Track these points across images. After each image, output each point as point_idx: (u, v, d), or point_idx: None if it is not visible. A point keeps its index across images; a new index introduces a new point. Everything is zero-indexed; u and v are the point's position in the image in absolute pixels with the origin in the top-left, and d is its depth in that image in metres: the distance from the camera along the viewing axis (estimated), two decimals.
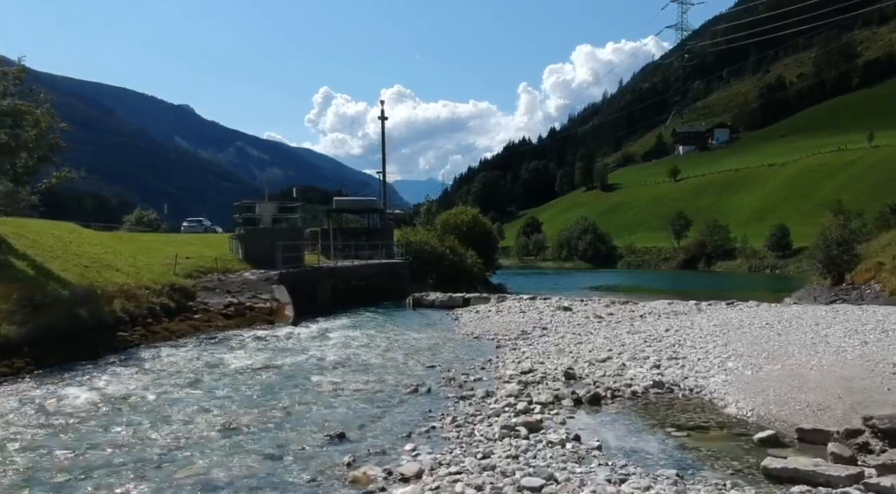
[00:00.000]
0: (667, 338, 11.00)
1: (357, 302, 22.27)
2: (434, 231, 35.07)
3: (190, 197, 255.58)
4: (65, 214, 64.40)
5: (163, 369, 10.45)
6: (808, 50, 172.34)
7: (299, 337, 14.64)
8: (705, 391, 7.91)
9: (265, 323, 16.32)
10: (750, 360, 8.70)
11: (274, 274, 18.74)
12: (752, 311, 14.54)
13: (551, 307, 17.63)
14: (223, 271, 19.03)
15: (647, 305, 17.05)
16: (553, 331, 13.75)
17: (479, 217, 40.39)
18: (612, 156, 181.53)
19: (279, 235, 20.75)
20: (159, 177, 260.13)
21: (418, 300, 21.89)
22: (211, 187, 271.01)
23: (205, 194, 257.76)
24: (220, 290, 17.52)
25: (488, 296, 20.57)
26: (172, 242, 26.74)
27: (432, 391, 8.39)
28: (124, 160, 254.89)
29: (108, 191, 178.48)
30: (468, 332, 14.94)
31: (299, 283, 19.63)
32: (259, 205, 21.79)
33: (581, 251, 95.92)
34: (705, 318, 13.37)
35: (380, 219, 31.28)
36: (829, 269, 34.32)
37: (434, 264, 30.54)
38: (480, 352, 11.93)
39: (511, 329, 14.78)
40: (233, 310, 16.46)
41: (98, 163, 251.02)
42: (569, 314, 16.28)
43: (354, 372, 9.92)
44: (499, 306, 18.87)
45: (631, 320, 14.46)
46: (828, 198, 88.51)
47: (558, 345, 11.58)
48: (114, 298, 13.90)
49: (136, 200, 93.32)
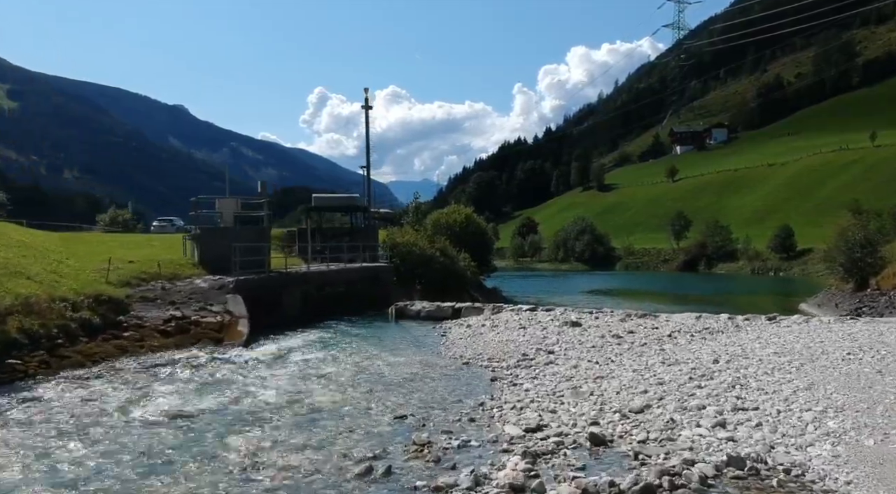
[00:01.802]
0: (719, 374, 8.23)
1: (332, 313, 19.45)
2: (424, 231, 32.28)
3: (183, 197, 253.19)
4: (53, 213, 61.36)
5: (30, 418, 7.60)
6: (806, 50, 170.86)
7: (247, 362, 11.83)
8: (810, 473, 5.16)
9: (212, 342, 13.48)
10: (862, 419, 5.95)
11: (229, 282, 15.89)
12: (809, 330, 11.77)
13: (556, 321, 14.85)
14: (170, 278, 16.15)
15: (670, 320, 14.28)
16: (562, 356, 10.98)
17: (473, 216, 37.64)
18: (609, 156, 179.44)
19: (240, 236, 17.91)
20: (153, 177, 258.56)
21: (402, 310, 19.11)
22: (204, 187, 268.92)
23: (197, 194, 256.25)
24: (163, 301, 14.65)
25: (482, 307, 17.79)
26: (129, 244, 23.83)
27: (393, 472, 5.54)
28: (118, 160, 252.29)
29: (100, 191, 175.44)
30: (456, 355, 12.17)
31: (261, 292, 16.80)
32: (219, 202, 18.92)
33: (578, 252, 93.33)
34: (755, 341, 10.62)
35: (363, 218, 28.43)
36: (851, 273, 31.69)
37: (423, 268, 27.75)
38: (470, 388, 9.14)
39: (509, 351, 12.02)
40: (173, 326, 13.61)
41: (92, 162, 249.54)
42: (579, 331, 13.51)
43: (293, 429, 7.08)
44: (494, 319, 16.09)
45: (658, 341, 11.67)
46: (831, 197, 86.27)
47: (571, 379, 8.82)
48: (9, 315, 11.04)
49: (129, 200, 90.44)
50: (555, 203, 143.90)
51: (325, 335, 15.63)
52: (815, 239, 71.50)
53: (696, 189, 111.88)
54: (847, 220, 36.20)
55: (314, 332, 16.05)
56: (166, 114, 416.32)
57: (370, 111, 37.16)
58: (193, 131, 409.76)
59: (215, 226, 18.32)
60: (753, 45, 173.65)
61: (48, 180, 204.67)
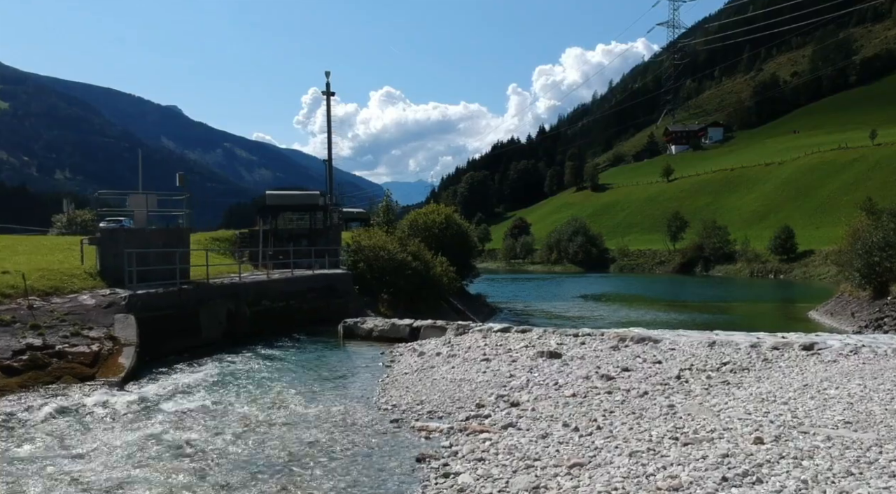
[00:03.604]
0: (770, 469, 4.96)
1: (272, 333, 16.22)
2: (396, 233, 29.04)
3: None
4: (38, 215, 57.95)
5: None
6: (802, 48, 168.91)
7: (100, 414, 8.56)
8: None
9: (78, 380, 10.22)
10: None
11: (122, 298, 12.60)
12: (870, 369, 8.52)
13: (531, 348, 11.63)
14: (47, 293, 12.85)
15: (676, 347, 11.05)
16: (529, 412, 7.75)
17: (454, 216, 34.45)
18: (603, 155, 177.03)
19: (149, 239, 14.64)
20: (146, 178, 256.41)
21: (351, 329, 15.86)
22: (196, 188, 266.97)
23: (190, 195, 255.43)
24: (23, 325, 11.35)
25: (445, 326, 14.57)
26: (41, 249, 20.46)
27: None
28: (109, 160, 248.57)
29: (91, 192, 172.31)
30: (390, 403, 8.96)
31: (169, 310, 13.53)
32: (131, 198, 15.62)
33: (571, 254, 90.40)
34: (803, 391, 7.39)
35: (324, 218, 25.13)
36: (868, 279, 28.66)
37: (392, 274, 24.52)
38: (376, 484, 5.91)
39: (461, 397, 8.82)
40: (25, 360, 10.32)
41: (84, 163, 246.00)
42: (558, 365, 10.28)
43: None
44: (455, 343, 12.86)
45: (663, 388, 8.43)
46: (832, 197, 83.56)
47: (534, 467, 5.62)
48: None
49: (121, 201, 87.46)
50: (548, 203, 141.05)
51: (241, 366, 12.38)
52: (816, 240, 68.71)
53: (692, 188, 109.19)
54: (861, 220, 33.21)
55: (232, 361, 12.80)
56: (159, 114, 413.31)
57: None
58: (187, 132, 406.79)
59: (116, 228, 15.00)
60: (748, 44, 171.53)
61: (39, 181, 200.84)
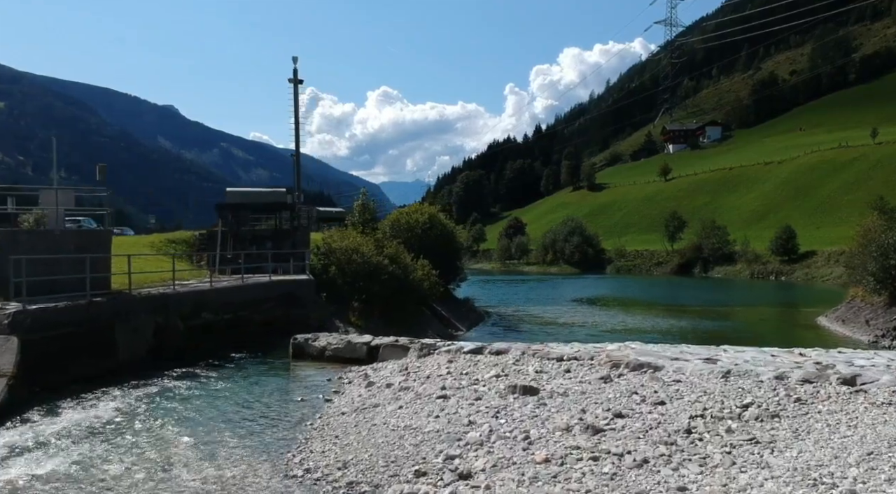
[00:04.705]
0: None
1: (215, 349, 13.98)
2: (373, 234, 26.78)
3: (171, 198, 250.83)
4: None
5: None
6: (801, 47, 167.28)
7: None
8: None
9: None
10: None
11: (5, 316, 10.34)
12: None
13: (502, 379, 9.40)
14: None
15: (682, 379, 8.81)
16: (481, 490, 5.53)
17: (438, 216, 32.22)
18: (600, 155, 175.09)
19: (61, 243, 12.37)
20: (141, 177, 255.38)
21: (301, 347, 13.62)
22: (192, 188, 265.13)
23: (186, 195, 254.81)
24: None
25: (407, 344, 12.34)
26: None
27: None
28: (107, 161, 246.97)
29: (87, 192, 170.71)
30: (304, 465, 6.72)
31: (72, 327, 11.26)
32: (43, 195, 13.34)
33: (567, 254, 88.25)
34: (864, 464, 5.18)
35: (290, 217, 22.86)
36: (884, 284, 26.52)
37: (366, 280, 22.27)
38: None
39: (399, 458, 6.59)
40: None
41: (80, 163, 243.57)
42: (532, 405, 8.04)
43: None
44: (413, 370, 10.63)
45: (669, 451, 6.18)
46: (833, 197, 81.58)
47: None
48: None
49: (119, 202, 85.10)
50: (544, 203, 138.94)
51: (148, 399, 10.10)
52: (818, 240, 66.65)
53: (690, 188, 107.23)
54: (873, 220, 31.07)
55: (145, 392, 10.56)
56: (156, 114, 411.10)
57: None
58: (183, 132, 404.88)
59: (17, 230, 12.71)
60: (746, 42, 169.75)
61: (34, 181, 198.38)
